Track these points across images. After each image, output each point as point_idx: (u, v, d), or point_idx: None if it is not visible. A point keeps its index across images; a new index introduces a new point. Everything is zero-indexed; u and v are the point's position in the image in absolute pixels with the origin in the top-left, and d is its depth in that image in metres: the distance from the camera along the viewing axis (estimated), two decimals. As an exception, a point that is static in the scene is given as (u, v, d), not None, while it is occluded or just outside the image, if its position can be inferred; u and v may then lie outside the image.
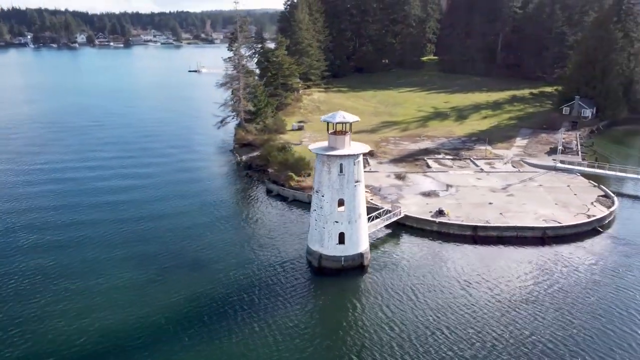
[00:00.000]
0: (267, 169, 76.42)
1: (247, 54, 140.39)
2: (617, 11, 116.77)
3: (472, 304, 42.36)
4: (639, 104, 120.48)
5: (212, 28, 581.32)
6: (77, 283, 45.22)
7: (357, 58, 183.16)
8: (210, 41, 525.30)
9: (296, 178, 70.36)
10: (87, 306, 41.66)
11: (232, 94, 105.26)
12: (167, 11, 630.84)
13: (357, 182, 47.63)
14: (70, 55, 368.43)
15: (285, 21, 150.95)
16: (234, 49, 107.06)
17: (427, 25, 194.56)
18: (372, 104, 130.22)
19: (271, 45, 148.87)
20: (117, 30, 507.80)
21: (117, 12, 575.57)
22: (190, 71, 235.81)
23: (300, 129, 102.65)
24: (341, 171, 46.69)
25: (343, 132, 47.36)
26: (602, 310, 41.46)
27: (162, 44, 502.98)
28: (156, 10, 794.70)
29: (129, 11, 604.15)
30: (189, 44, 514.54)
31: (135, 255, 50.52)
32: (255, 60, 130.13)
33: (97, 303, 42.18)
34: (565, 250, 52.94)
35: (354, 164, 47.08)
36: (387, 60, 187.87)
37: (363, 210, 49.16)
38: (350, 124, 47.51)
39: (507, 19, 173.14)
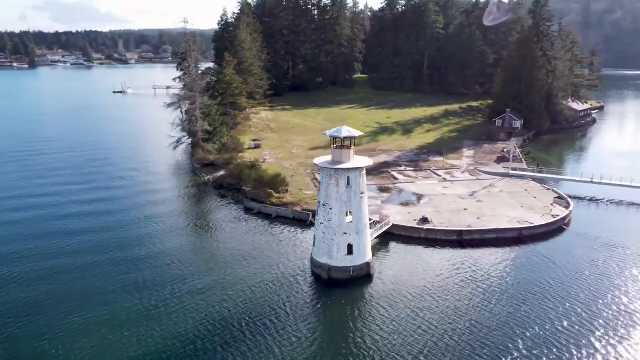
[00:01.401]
0: (242, 188, 76.14)
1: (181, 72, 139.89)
2: (536, 32, 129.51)
3: (485, 300, 45.47)
4: (559, 116, 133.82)
5: (125, 48, 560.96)
6: (82, 319, 42.72)
7: (293, 77, 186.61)
8: (125, 61, 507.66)
9: (276, 195, 70.83)
10: (100, 344, 39.57)
11: (186, 114, 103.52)
12: (74, 30, 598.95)
13: (362, 193, 49.60)
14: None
15: (224, 41, 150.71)
16: (184, 68, 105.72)
17: (355, 44, 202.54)
18: (319, 121, 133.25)
19: (203, 65, 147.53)
20: (19, 50, 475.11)
21: (17, 31, 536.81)
22: (115, 92, 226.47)
23: (257, 147, 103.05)
24: (349, 184, 48.43)
25: (347, 147, 49.21)
26: (599, 297, 46.30)
27: (72, 64, 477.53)
28: (60, 29, 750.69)
29: (30, 30, 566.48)
30: (101, 64, 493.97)
31: (135, 286, 48.09)
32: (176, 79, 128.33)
33: (110, 337, 40.21)
34: (541, 247, 58.17)
35: (360, 177, 49.10)
36: (321, 79, 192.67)
37: (367, 220, 51.15)
38: (354, 138, 49.54)
39: (431, 39, 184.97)
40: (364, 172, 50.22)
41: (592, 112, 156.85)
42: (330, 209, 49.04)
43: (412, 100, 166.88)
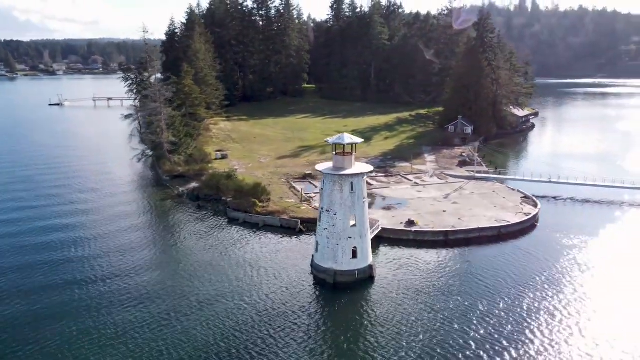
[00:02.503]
0: (222, 198, 75.37)
1: (126, 83, 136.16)
2: (481, 43, 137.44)
3: (487, 294, 48.19)
4: (503, 121, 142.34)
5: (52, 59, 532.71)
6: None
7: (243, 87, 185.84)
8: (52, 72, 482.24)
9: (260, 204, 70.80)
10: None
11: (148, 126, 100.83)
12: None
13: (364, 198, 51.12)
14: None
15: (175, 51, 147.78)
16: (144, 79, 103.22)
17: (301, 55, 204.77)
18: (279, 130, 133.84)
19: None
20: None
21: None
22: (51, 105, 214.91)
23: (224, 157, 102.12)
24: (352, 189, 49.79)
25: (349, 153, 50.62)
26: (591, 285, 50.68)
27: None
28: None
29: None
30: (25, 75, 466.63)
31: (140, 310, 47.11)
32: (133, 90, 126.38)
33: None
34: (520, 243, 62.35)
35: (362, 182, 50.62)
36: (272, 89, 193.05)
37: (368, 224, 52.68)
38: (355, 144, 51.06)
39: (377, 50, 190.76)
40: (365, 177, 51.82)
41: (530, 117, 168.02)
42: (335, 214, 50.12)
43: (362, 109, 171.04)
